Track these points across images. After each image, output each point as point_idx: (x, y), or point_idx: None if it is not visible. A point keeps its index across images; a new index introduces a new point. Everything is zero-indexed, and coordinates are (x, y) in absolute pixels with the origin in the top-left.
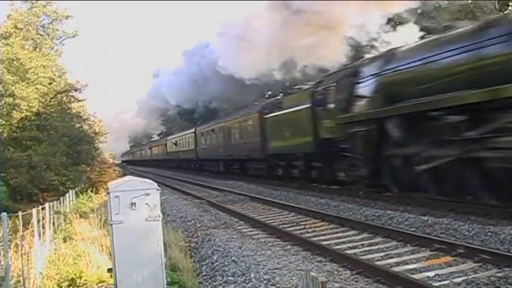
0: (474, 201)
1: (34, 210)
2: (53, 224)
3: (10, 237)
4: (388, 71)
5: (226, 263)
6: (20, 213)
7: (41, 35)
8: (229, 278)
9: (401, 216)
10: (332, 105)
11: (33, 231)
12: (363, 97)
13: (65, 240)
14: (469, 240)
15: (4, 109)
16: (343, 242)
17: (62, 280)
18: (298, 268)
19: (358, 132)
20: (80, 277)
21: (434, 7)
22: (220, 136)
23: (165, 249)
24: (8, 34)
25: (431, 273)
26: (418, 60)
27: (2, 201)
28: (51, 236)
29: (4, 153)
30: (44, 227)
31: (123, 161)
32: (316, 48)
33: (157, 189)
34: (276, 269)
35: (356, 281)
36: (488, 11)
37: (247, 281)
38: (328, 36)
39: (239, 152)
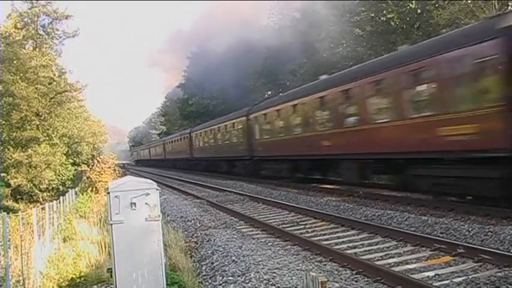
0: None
1: (34, 210)
2: (53, 224)
3: (10, 237)
4: None
5: (226, 263)
6: (20, 213)
7: (40, 35)
8: (229, 277)
9: (401, 216)
10: None
11: (33, 231)
12: None
13: (65, 240)
14: (469, 240)
15: (4, 109)
16: (343, 242)
17: (61, 280)
18: (298, 268)
19: None
20: (80, 277)
21: (434, 7)
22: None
23: (165, 249)
24: (8, 34)
25: (431, 273)
26: None
27: (2, 201)
28: (51, 236)
29: (4, 153)
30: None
31: (136, 161)
32: None
33: (157, 189)
34: (276, 268)
35: (356, 281)
36: (488, 11)
37: (247, 281)
38: None
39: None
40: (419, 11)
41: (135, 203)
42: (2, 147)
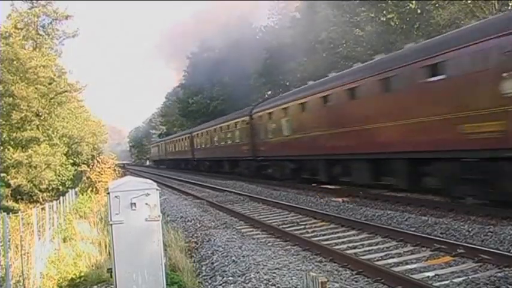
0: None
1: (34, 210)
2: (53, 224)
3: (10, 237)
4: None
5: (226, 263)
6: (20, 214)
7: (40, 35)
8: (229, 278)
9: (401, 216)
10: None
11: (33, 231)
12: None
13: (65, 241)
14: (469, 240)
15: (4, 109)
16: (343, 242)
17: (61, 280)
18: (298, 268)
19: None
20: (80, 277)
21: (434, 7)
22: None
23: (165, 249)
24: (8, 34)
25: (431, 273)
26: None
27: (2, 202)
28: (51, 236)
29: (4, 153)
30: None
31: (154, 161)
32: None
33: (157, 189)
34: (276, 269)
35: (356, 281)
36: (488, 11)
37: (247, 281)
38: None
39: None
40: (419, 11)
41: (135, 203)
42: (2, 147)
